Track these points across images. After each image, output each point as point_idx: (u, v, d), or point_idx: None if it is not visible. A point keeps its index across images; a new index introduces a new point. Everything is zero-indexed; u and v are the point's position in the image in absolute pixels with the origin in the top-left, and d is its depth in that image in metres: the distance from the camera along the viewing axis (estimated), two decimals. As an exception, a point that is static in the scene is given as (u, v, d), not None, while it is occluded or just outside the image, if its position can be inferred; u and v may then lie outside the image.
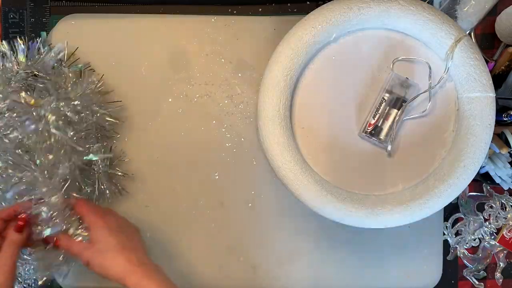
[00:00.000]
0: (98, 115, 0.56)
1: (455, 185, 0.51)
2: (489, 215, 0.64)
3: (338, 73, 0.54)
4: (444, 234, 0.64)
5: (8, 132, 0.51)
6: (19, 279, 0.60)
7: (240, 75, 0.61)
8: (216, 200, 0.61)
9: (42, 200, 0.50)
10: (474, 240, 0.65)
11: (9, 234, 0.49)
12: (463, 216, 0.65)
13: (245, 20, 0.61)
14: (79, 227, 0.52)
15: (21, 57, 0.55)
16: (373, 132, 0.53)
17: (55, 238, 0.51)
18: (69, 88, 0.54)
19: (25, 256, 0.53)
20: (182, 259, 0.62)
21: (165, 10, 0.62)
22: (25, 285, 0.61)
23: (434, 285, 0.64)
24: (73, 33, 0.61)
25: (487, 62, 0.54)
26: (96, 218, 0.51)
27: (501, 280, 0.66)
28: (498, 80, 0.58)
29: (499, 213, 0.64)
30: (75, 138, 0.52)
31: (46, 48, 0.56)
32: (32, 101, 0.50)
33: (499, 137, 0.60)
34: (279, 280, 0.63)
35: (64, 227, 0.51)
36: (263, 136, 0.53)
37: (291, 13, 0.62)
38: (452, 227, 0.65)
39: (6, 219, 0.50)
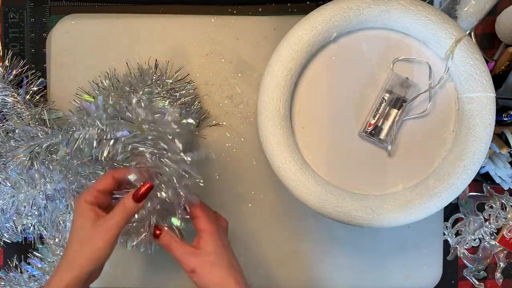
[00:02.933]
0: None
1: (455, 185, 0.51)
2: (489, 215, 0.65)
3: (338, 73, 0.54)
4: (444, 234, 0.64)
5: None
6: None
7: (240, 75, 0.61)
8: (216, 200, 0.61)
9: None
10: (474, 240, 0.65)
11: (125, 199, 0.45)
12: (463, 216, 0.65)
13: (245, 20, 0.61)
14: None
15: None
16: (373, 132, 0.53)
17: (155, 228, 0.47)
18: None
19: None
20: (182, 259, 0.62)
21: (165, 10, 0.62)
22: None
23: (434, 285, 0.64)
24: (73, 33, 0.61)
25: (487, 62, 0.54)
26: (211, 226, 0.46)
27: (501, 280, 0.66)
28: (498, 80, 0.58)
29: (499, 213, 0.64)
30: None
31: None
32: None
33: (499, 137, 0.60)
34: (279, 280, 0.63)
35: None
36: (263, 136, 0.53)
37: (291, 13, 0.62)
38: (452, 227, 0.65)
39: (120, 180, 0.46)
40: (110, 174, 0.47)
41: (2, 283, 0.59)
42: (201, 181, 0.47)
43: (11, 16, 0.62)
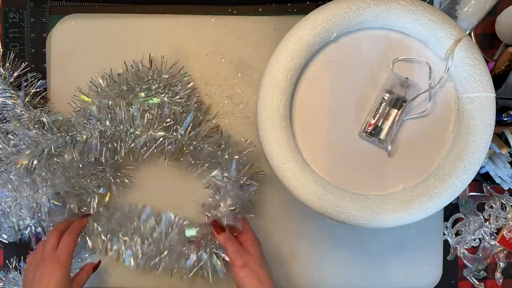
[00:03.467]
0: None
1: (455, 185, 0.51)
2: (489, 215, 0.64)
3: (338, 73, 0.54)
4: (444, 234, 0.64)
5: None
6: None
7: (240, 75, 0.61)
8: (216, 200, 0.61)
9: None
10: (474, 240, 0.65)
11: (87, 267, 0.56)
12: (463, 216, 0.65)
13: (245, 20, 0.61)
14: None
15: None
16: (373, 132, 0.53)
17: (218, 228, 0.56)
18: None
19: None
20: (182, 259, 0.62)
21: (165, 10, 0.62)
22: None
23: (434, 285, 0.64)
24: (73, 33, 0.61)
25: (487, 62, 0.54)
26: (256, 237, 0.56)
27: (501, 280, 0.66)
28: (498, 80, 0.58)
29: (499, 213, 0.64)
30: None
31: None
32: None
33: (499, 137, 0.60)
34: (279, 280, 0.63)
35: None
36: (263, 136, 0.53)
37: (291, 13, 0.62)
38: (452, 227, 0.65)
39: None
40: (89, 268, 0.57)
41: (1, 284, 0.59)
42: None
43: (11, 16, 0.62)
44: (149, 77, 0.57)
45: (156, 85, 0.57)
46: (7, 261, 0.62)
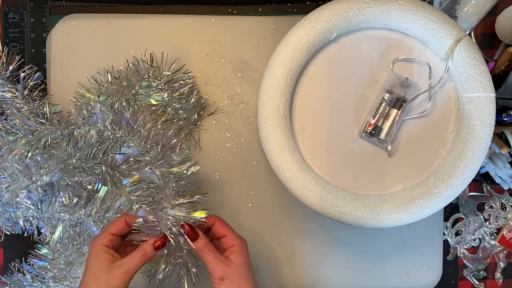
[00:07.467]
0: None
1: (455, 185, 0.51)
2: (489, 215, 0.65)
3: (338, 73, 0.54)
4: (444, 234, 0.64)
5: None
6: None
7: (240, 75, 0.61)
8: (216, 200, 0.61)
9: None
10: (474, 240, 0.65)
11: (145, 245, 0.49)
12: (463, 216, 0.65)
13: (245, 20, 0.61)
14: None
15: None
16: (373, 132, 0.53)
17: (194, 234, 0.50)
18: None
19: None
20: (182, 259, 0.62)
21: (165, 10, 0.62)
22: None
23: (434, 285, 0.64)
24: (73, 33, 0.61)
25: (487, 62, 0.54)
26: (241, 241, 0.50)
27: (501, 280, 0.66)
28: (498, 80, 0.58)
29: (499, 213, 0.64)
30: None
31: None
32: None
33: (499, 137, 0.60)
34: (279, 280, 0.63)
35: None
36: (263, 136, 0.53)
37: (291, 13, 0.62)
38: (452, 227, 0.65)
39: (132, 224, 0.51)
40: (123, 218, 0.50)
41: (7, 287, 0.59)
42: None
43: (11, 16, 0.62)
44: (150, 74, 0.57)
45: (156, 81, 0.57)
46: (9, 264, 0.61)
